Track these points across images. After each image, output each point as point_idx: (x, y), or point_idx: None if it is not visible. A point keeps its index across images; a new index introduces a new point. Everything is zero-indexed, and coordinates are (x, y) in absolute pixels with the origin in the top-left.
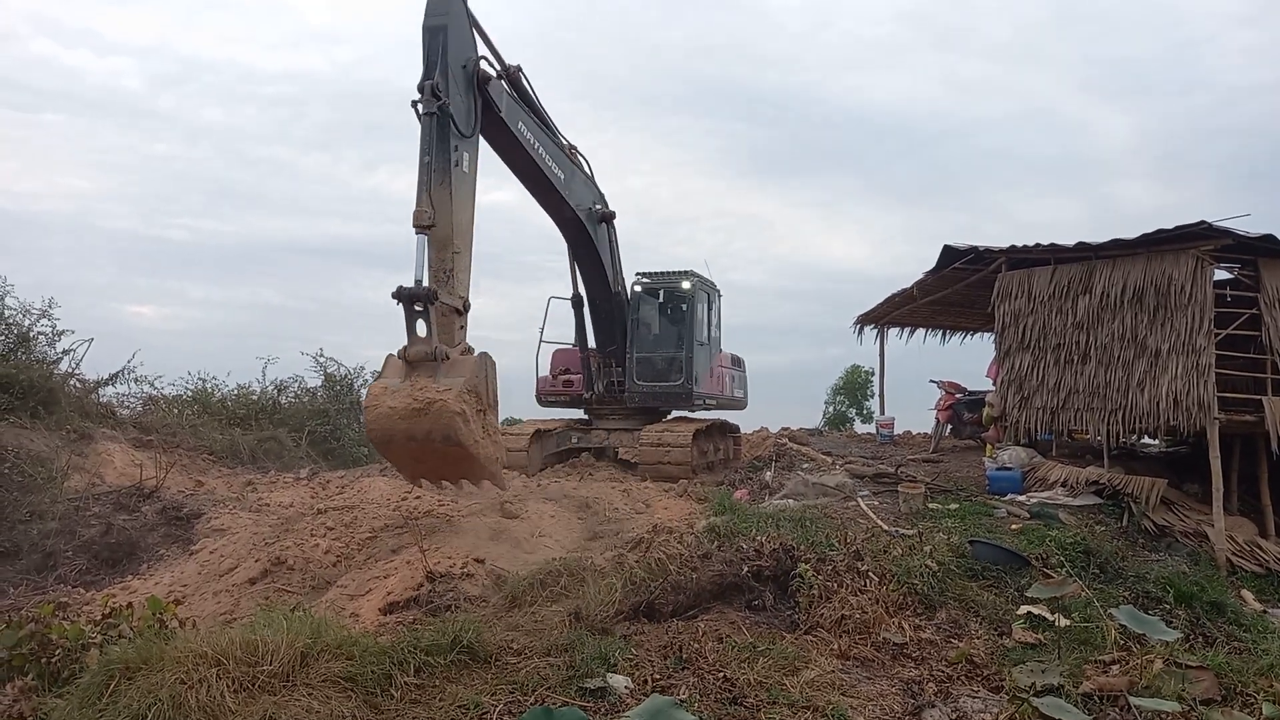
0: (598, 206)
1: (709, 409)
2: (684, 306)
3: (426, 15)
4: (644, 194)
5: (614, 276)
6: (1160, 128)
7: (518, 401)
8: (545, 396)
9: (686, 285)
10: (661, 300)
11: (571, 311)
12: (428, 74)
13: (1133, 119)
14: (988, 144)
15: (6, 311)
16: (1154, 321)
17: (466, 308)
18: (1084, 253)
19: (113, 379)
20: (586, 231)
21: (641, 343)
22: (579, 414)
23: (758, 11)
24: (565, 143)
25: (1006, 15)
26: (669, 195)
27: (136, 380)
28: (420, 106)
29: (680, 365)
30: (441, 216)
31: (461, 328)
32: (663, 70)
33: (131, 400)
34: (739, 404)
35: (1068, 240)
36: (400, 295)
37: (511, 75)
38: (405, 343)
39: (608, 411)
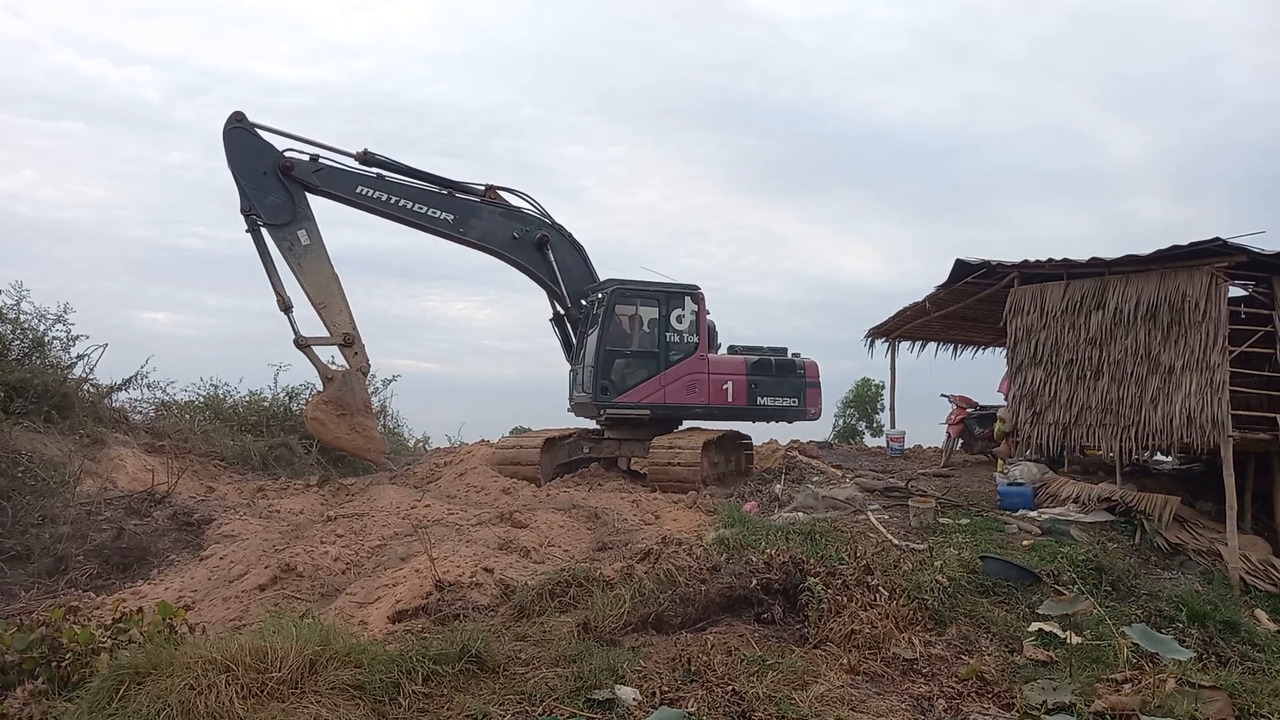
0: (519, 235)
1: (640, 419)
2: (598, 316)
3: (226, 156)
4: (656, 207)
5: (560, 292)
6: (1175, 143)
7: (530, 411)
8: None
9: (600, 295)
10: (594, 311)
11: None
12: (240, 201)
13: (1147, 135)
14: (1000, 159)
15: (22, 317)
16: (1168, 338)
17: (348, 341)
18: (1097, 268)
19: (126, 384)
20: (514, 259)
21: (576, 355)
22: (591, 424)
23: (771, 27)
24: (481, 187)
25: (1020, 31)
26: (680, 208)
27: (149, 386)
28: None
29: (588, 375)
30: (302, 287)
31: (355, 353)
32: (677, 85)
33: (144, 406)
34: (780, 415)
35: (1081, 255)
36: (295, 345)
37: (363, 157)
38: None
39: (619, 421)
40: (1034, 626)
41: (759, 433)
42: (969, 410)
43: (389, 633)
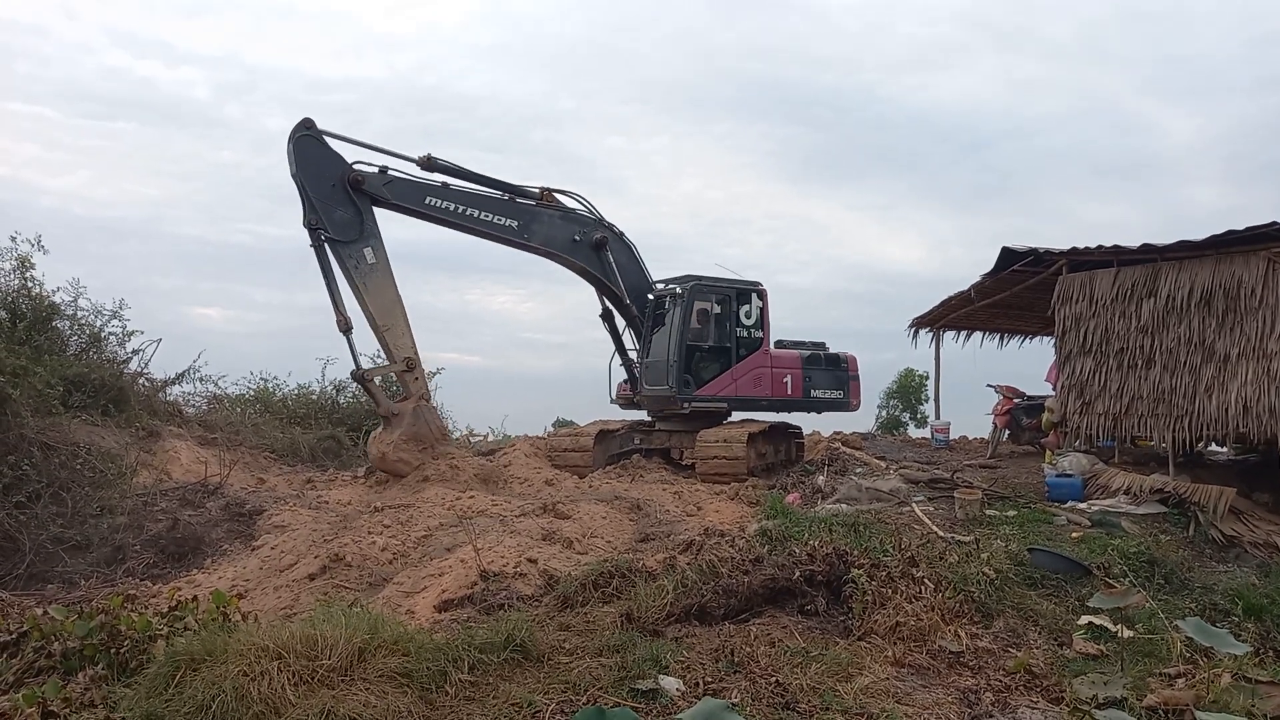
0: (579, 238)
1: (668, 410)
2: (668, 312)
3: (290, 164)
4: (696, 196)
5: (620, 292)
6: (1231, 126)
7: (573, 403)
8: (619, 400)
9: (679, 290)
10: (666, 307)
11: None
12: (305, 214)
13: (1200, 119)
14: (1048, 145)
15: (79, 313)
16: (1222, 325)
17: (410, 365)
18: (1149, 254)
19: (179, 378)
20: (575, 262)
21: (644, 350)
22: (641, 416)
23: (815, 14)
24: (536, 190)
25: (1068, 14)
26: (721, 197)
27: (201, 380)
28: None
29: (668, 369)
30: (364, 308)
31: (416, 379)
32: (718, 73)
33: (197, 399)
34: (829, 406)
35: (1131, 242)
36: (352, 378)
37: (425, 163)
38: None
39: (669, 414)
40: (1084, 620)
41: (808, 424)
42: (1016, 400)
43: (435, 622)
